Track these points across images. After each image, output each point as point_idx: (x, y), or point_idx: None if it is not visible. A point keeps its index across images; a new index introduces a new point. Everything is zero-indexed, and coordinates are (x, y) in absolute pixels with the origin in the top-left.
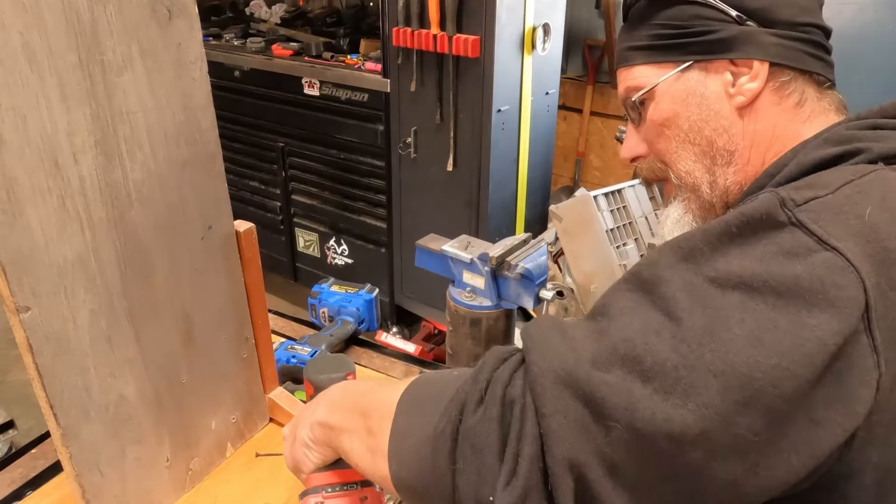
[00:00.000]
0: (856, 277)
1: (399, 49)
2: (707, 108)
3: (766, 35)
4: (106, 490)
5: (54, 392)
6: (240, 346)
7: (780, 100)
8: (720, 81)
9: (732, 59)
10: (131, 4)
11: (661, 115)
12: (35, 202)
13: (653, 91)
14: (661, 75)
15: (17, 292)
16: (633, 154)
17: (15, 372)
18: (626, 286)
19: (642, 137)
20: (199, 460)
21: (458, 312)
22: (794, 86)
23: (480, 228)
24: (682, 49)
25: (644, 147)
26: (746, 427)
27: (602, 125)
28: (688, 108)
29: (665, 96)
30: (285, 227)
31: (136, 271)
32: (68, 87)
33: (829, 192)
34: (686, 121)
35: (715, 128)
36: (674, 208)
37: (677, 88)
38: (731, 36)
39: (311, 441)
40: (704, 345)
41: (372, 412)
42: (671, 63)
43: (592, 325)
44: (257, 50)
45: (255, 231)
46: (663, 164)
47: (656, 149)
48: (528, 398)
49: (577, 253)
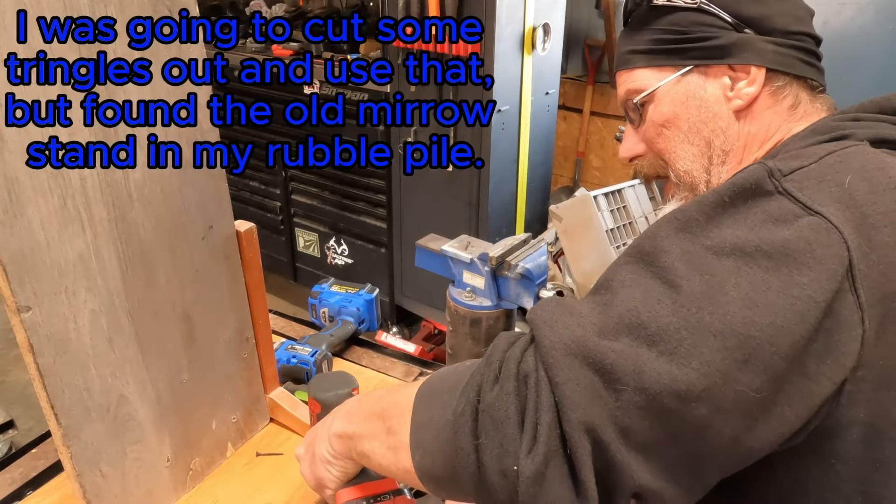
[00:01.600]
0: (839, 238)
1: (399, 49)
2: (706, 111)
3: (763, 42)
4: (107, 490)
5: (55, 392)
6: (240, 345)
7: (775, 103)
8: (719, 85)
9: (731, 65)
10: (133, 5)
11: (662, 117)
12: (36, 202)
13: (654, 93)
14: (661, 78)
15: (18, 292)
16: (631, 154)
17: (15, 372)
18: (627, 259)
19: (641, 137)
20: (200, 460)
21: (458, 312)
22: (788, 90)
23: (480, 228)
24: (683, 54)
25: (642, 146)
26: (746, 383)
27: (602, 125)
28: (687, 109)
29: (665, 98)
30: (285, 227)
31: (137, 271)
32: None
33: (813, 161)
34: (685, 122)
35: (713, 129)
36: (671, 206)
37: (677, 91)
38: (730, 42)
39: (332, 456)
40: (703, 308)
41: (390, 413)
42: (672, 67)
43: (597, 298)
44: (257, 50)
45: (256, 231)
46: (663, 162)
47: (656, 148)
48: (541, 370)
49: (577, 253)
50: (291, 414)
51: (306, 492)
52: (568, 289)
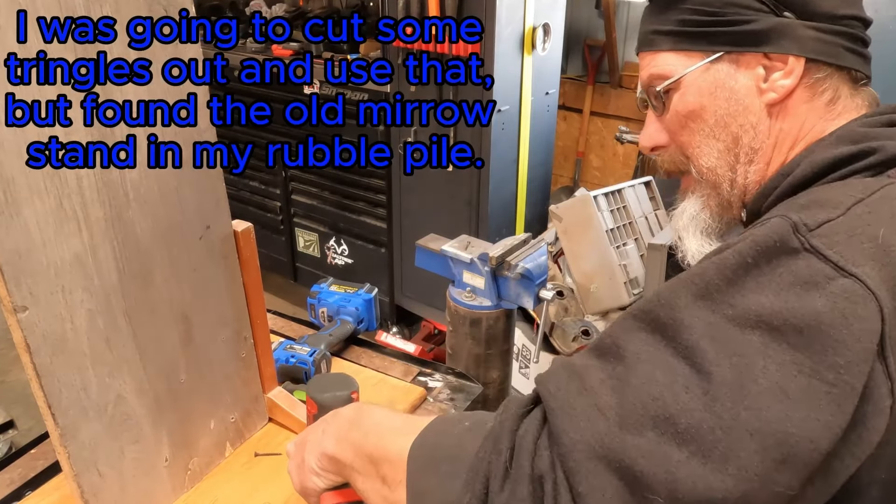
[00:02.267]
0: (875, 306)
1: (399, 49)
2: (736, 103)
3: (805, 28)
4: (104, 490)
5: (52, 392)
6: (238, 345)
7: (812, 97)
8: (751, 76)
9: (766, 53)
10: (129, 4)
11: (687, 107)
12: (32, 202)
13: (679, 81)
14: (688, 65)
15: (14, 292)
16: (653, 143)
17: (15, 372)
18: (638, 325)
19: (664, 127)
20: (198, 460)
21: (458, 312)
22: (828, 83)
23: (480, 228)
24: (713, 38)
25: (665, 136)
26: (785, 484)
27: (602, 125)
28: (715, 101)
29: (692, 87)
30: (285, 227)
31: (134, 271)
32: None
33: (841, 213)
34: (712, 115)
35: (742, 124)
36: (691, 204)
37: (705, 80)
38: (767, 28)
39: (320, 469)
40: (737, 402)
41: (380, 460)
42: (700, 52)
43: (607, 368)
44: (257, 50)
45: (254, 231)
46: (684, 157)
47: (679, 141)
48: (560, 473)
49: (577, 253)
50: (290, 414)
51: None
52: (568, 289)
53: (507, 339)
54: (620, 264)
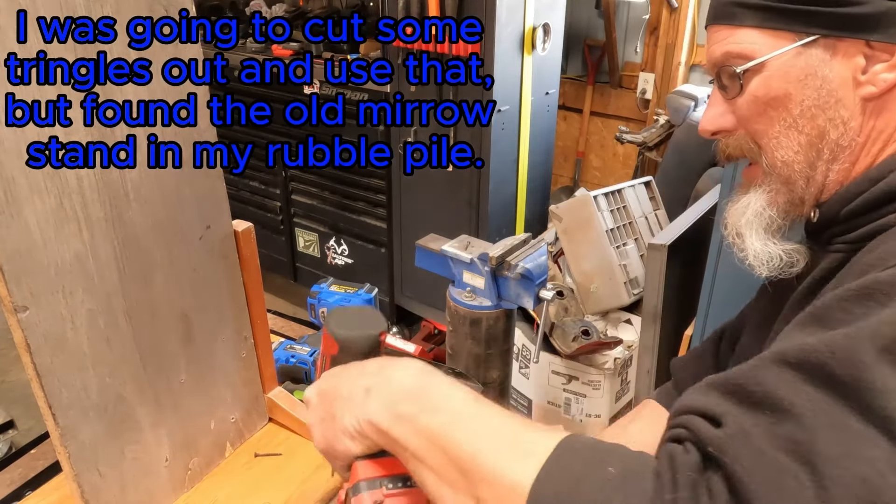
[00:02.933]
0: None
1: (399, 49)
2: (828, 95)
3: None
4: (105, 490)
5: (52, 392)
6: (238, 345)
7: None
8: (849, 65)
9: (870, 41)
10: (129, 5)
11: (770, 93)
12: (33, 202)
13: (764, 63)
14: (777, 46)
15: (14, 292)
16: (717, 127)
17: (15, 372)
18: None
19: (732, 109)
20: (199, 460)
21: (458, 312)
22: None
23: (480, 228)
24: (811, 18)
25: (732, 120)
26: None
27: (602, 125)
28: (804, 90)
29: (778, 72)
30: (285, 227)
31: (135, 271)
32: None
33: None
34: (798, 105)
35: (831, 118)
36: (756, 198)
37: (794, 65)
38: (877, 12)
39: (358, 433)
40: None
41: (474, 475)
42: (792, 33)
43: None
44: (257, 50)
45: (254, 230)
46: (755, 145)
47: (752, 128)
48: None
49: (577, 253)
50: (290, 414)
51: (305, 492)
52: (568, 289)
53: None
54: (620, 264)
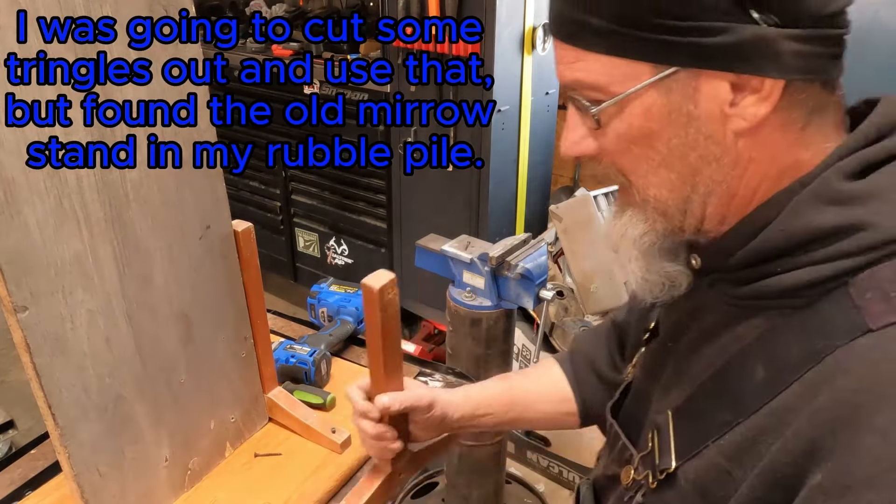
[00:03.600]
0: None
1: (399, 49)
2: (696, 132)
3: (787, 40)
4: (104, 490)
5: (52, 392)
6: (238, 345)
7: (787, 122)
8: (715, 99)
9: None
10: (128, 5)
11: (631, 132)
12: (32, 202)
13: (620, 100)
14: (630, 78)
15: (14, 292)
16: (578, 153)
17: (15, 372)
18: None
19: (593, 135)
20: (198, 460)
21: (458, 312)
22: (806, 103)
23: (480, 228)
24: (669, 49)
25: (593, 146)
26: None
27: None
28: (669, 127)
29: (638, 109)
30: (285, 227)
31: (134, 271)
32: None
33: None
34: (665, 144)
35: (703, 155)
36: (632, 225)
37: (655, 102)
38: (739, 40)
39: None
40: None
41: None
42: (647, 64)
43: None
44: (257, 50)
45: (254, 230)
46: (625, 178)
47: (618, 163)
48: None
49: (577, 253)
50: (290, 414)
51: (305, 492)
52: (568, 289)
53: (507, 339)
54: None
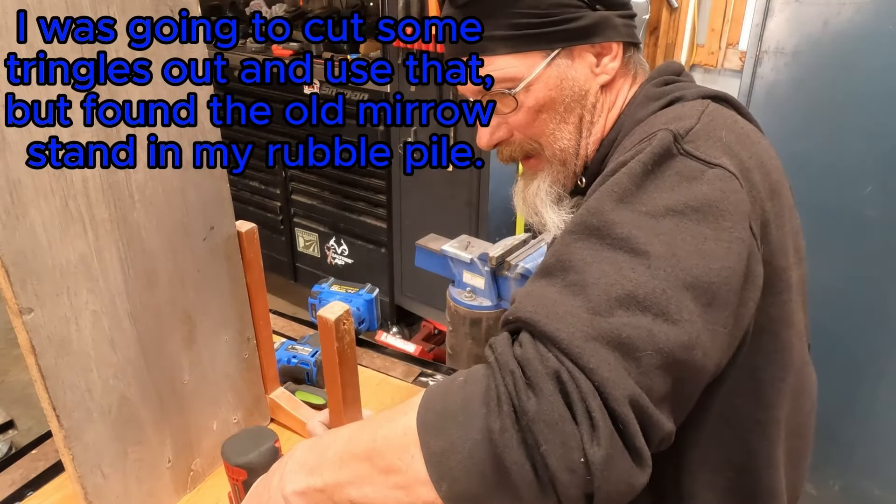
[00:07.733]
0: (737, 182)
1: (399, 49)
2: (579, 90)
3: (616, 18)
4: (108, 491)
5: (57, 393)
6: (241, 346)
7: (626, 72)
8: (586, 64)
9: (595, 43)
10: (134, 5)
11: (538, 102)
12: (38, 204)
13: (529, 81)
14: (533, 65)
15: (20, 294)
16: (496, 140)
17: (15, 372)
18: (574, 237)
19: (504, 122)
20: (201, 461)
21: (458, 312)
22: (633, 58)
23: (480, 228)
24: (549, 38)
25: (507, 130)
26: (721, 322)
27: None
28: (562, 91)
29: (541, 84)
30: (285, 227)
31: (139, 272)
32: None
33: (695, 121)
34: (562, 104)
35: (584, 105)
36: (543, 182)
37: (550, 76)
38: (592, 23)
39: None
40: (674, 265)
41: (381, 451)
42: (539, 52)
43: (558, 281)
44: (257, 50)
45: (257, 231)
46: (537, 143)
47: (530, 132)
48: (568, 362)
49: None
50: (292, 414)
51: None
52: None
53: None
54: None
